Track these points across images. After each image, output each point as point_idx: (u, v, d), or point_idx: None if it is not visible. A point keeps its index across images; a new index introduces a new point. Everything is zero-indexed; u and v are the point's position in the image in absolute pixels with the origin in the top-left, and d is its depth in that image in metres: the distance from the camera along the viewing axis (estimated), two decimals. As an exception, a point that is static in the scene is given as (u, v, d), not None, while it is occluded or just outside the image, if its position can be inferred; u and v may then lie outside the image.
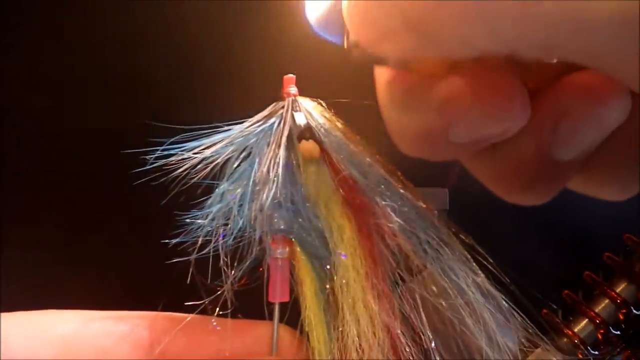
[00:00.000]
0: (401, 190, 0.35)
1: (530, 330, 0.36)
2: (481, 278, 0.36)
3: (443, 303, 0.35)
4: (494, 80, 0.30)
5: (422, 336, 0.35)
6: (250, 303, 0.36)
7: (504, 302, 0.36)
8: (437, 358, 0.35)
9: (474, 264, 0.36)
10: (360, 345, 0.34)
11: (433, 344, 0.35)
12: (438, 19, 0.26)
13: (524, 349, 0.37)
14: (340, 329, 0.34)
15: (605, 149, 0.37)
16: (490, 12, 0.24)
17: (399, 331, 0.34)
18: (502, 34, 0.25)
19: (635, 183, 0.38)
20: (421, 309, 0.35)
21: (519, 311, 0.36)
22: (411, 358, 0.34)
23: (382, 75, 0.35)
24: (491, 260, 0.36)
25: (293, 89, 0.36)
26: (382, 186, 0.35)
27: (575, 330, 0.63)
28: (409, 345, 0.34)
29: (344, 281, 0.34)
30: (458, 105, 0.34)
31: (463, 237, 0.36)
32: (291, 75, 0.36)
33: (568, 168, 0.38)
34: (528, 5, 0.23)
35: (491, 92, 0.32)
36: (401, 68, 0.34)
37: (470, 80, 0.30)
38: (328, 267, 0.36)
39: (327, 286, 0.36)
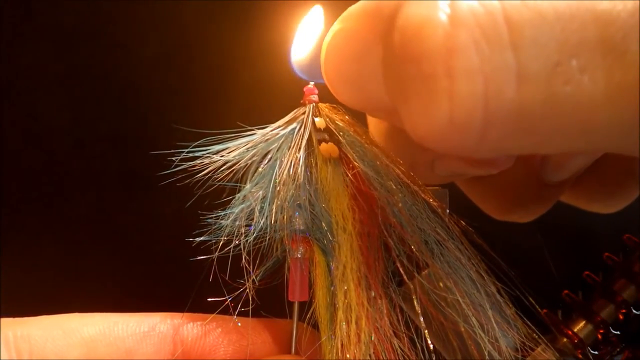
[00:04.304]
0: (412, 187, 0.38)
1: (530, 330, 0.38)
2: (484, 276, 0.37)
3: (443, 303, 0.37)
4: None
5: (422, 335, 0.37)
6: (271, 301, 0.39)
7: (504, 302, 0.37)
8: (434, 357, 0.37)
9: (480, 263, 0.38)
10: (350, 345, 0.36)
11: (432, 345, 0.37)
12: None
13: (524, 347, 0.38)
14: (339, 328, 0.36)
15: (595, 167, 0.40)
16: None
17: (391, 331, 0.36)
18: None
19: (624, 198, 0.42)
20: (421, 308, 0.37)
21: (519, 310, 0.37)
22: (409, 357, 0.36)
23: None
24: (492, 259, 0.38)
25: (314, 96, 0.39)
26: (394, 183, 0.37)
27: (575, 330, 0.64)
28: (406, 346, 0.36)
29: (344, 285, 0.37)
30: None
31: (470, 236, 0.38)
32: (311, 84, 0.39)
33: (558, 188, 0.41)
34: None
35: None
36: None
37: None
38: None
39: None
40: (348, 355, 0.35)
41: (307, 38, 0.38)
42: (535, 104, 0.25)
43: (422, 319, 0.37)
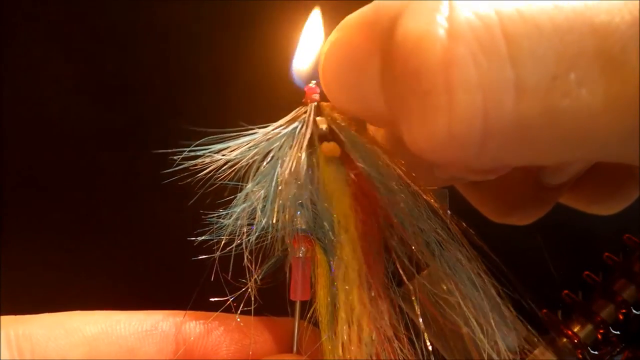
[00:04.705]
0: (413, 187, 0.37)
1: (530, 330, 0.38)
2: (483, 277, 0.37)
3: (443, 303, 0.37)
4: None
5: (422, 336, 0.37)
6: (273, 301, 0.39)
7: (504, 304, 0.37)
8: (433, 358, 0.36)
9: (479, 263, 0.38)
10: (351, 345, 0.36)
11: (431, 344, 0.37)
12: None
13: (524, 348, 0.38)
14: (340, 328, 0.36)
15: (594, 169, 0.41)
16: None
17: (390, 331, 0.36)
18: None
19: (623, 199, 0.42)
20: (420, 309, 0.37)
21: (519, 311, 0.37)
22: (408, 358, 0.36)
23: None
24: (491, 260, 0.38)
25: (316, 95, 0.39)
26: (395, 183, 0.37)
27: (575, 330, 0.64)
28: (406, 346, 0.37)
29: (345, 286, 0.37)
30: None
31: (470, 236, 0.38)
32: (312, 83, 0.40)
33: (556, 191, 0.41)
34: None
35: None
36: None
37: None
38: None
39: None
40: (349, 355, 0.36)
41: (308, 48, 0.39)
42: (534, 116, 0.25)
43: (421, 320, 0.37)
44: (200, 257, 0.37)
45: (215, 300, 0.38)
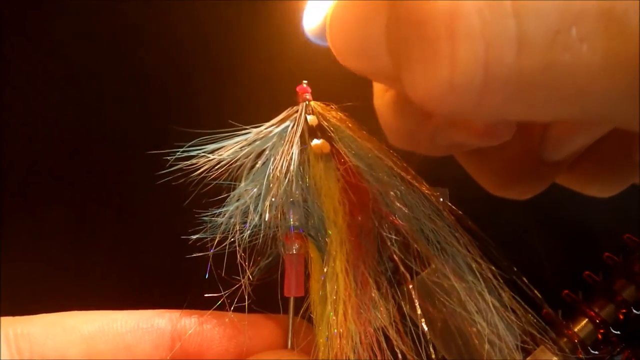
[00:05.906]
0: (406, 177, 0.39)
1: (530, 330, 0.38)
2: (485, 275, 0.38)
3: (443, 296, 0.38)
4: None
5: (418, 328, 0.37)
6: (267, 297, 0.40)
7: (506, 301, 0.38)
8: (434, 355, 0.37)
9: (480, 256, 0.38)
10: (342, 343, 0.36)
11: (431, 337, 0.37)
12: None
13: (525, 348, 0.39)
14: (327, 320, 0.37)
15: (593, 149, 0.41)
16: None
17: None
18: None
19: (620, 182, 0.42)
20: (420, 307, 0.37)
21: (519, 310, 0.38)
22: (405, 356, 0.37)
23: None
24: (493, 259, 0.38)
25: (307, 95, 0.40)
26: (386, 175, 0.38)
27: (575, 330, 0.64)
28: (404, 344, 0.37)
29: (334, 278, 0.37)
30: (438, 119, 0.38)
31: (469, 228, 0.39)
32: (304, 83, 0.41)
33: (555, 167, 0.42)
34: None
35: None
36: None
37: None
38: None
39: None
40: (337, 347, 0.36)
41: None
42: (534, 70, 0.26)
43: (420, 316, 0.37)
44: (195, 255, 0.38)
45: (209, 297, 0.38)
